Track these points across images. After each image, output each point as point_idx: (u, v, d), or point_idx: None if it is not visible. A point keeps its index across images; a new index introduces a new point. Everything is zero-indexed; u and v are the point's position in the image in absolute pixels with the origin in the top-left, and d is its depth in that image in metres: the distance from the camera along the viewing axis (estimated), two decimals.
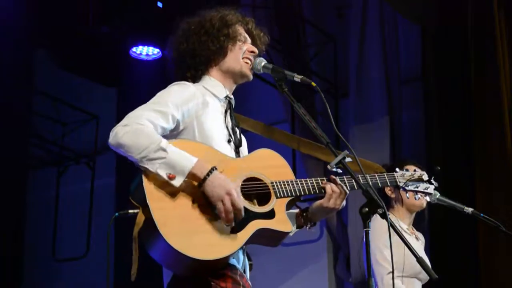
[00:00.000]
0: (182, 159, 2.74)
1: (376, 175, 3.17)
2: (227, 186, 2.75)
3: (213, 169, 2.75)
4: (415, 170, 3.44)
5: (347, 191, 2.97)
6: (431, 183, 3.37)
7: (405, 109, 7.95)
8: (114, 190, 8.53)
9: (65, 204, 9.60)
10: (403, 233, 4.33)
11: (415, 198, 3.51)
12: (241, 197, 2.80)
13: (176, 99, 2.89)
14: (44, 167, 9.80)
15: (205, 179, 2.74)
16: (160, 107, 2.84)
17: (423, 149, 7.60)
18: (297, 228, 3.10)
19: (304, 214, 3.08)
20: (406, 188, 3.30)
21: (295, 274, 8.30)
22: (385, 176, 3.20)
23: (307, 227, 3.10)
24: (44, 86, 9.10)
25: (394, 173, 3.28)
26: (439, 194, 4.30)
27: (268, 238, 2.91)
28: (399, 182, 3.27)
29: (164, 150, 2.73)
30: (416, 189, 3.33)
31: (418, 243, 4.47)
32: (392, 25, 8.04)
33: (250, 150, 3.12)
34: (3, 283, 8.30)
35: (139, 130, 2.74)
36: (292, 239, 3.01)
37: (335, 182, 2.98)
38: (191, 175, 2.74)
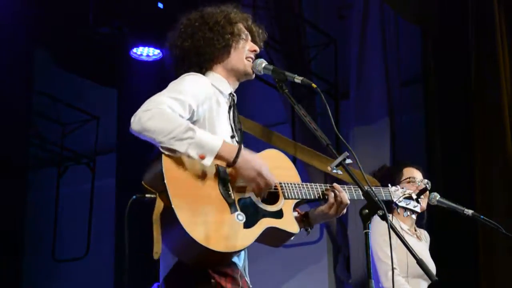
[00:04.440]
0: (209, 139, 2.77)
1: (372, 187, 3.18)
2: (257, 166, 2.81)
3: (240, 148, 2.80)
4: (409, 178, 3.46)
5: (348, 202, 2.99)
6: (418, 202, 3.41)
7: (405, 110, 7.95)
8: (114, 191, 8.52)
9: (65, 204, 9.59)
10: (404, 234, 4.34)
11: (404, 215, 3.55)
12: (270, 173, 2.84)
13: (193, 89, 2.88)
14: (44, 167, 9.79)
15: (234, 161, 2.78)
16: (178, 95, 2.83)
17: (423, 150, 7.60)
18: None
19: (304, 218, 3.10)
20: (398, 204, 3.34)
21: (295, 275, 8.30)
22: (381, 190, 3.26)
23: (307, 231, 3.13)
24: (44, 86, 9.09)
25: (388, 188, 3.34)
26: (439, 196, 4.31)
27: (274, 238, 2.93)
28: (393, 197, 3.32)
29: (193, 130, 2.74)
30: (407, 206, 3.37)
31: (421, 243, 4.47)
32: (392, 26, 8.04)
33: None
34: (3, 283, 8.29)
35: (164, 114, 2.73)
36: (292, 240, 3.01)
37: (338, 191, 3.00)
38: (220, 155, 2.77)
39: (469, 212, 4.34)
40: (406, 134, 7.90)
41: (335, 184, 3.03)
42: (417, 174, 4.45)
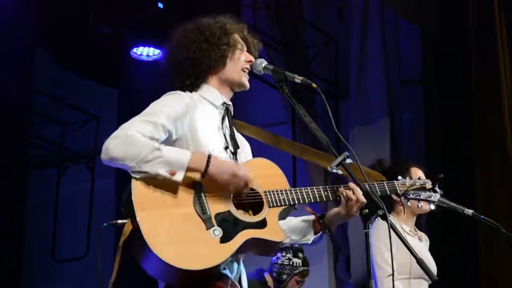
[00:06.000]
0: (177, 154, 2.77)
1: (375, 183, 3.16)
2: (228, 168, 2.80)
3: (209, 157, 2.78)
4: (419, 178, 3.40)
5: (364, 201, 2.93)
6: (435, 191, 3.33)
7: (405, 110, 7.95)
8: (114, 191, 8.52)
9: (65, 204, 9.60)
10: (405, 235, 4.32)
11: (418, 206, 3.47)
12: (245, 171, 2.83)
13: (168, 109, 2.88)
14: (44, 167, 9.80)
15: (206, 170, 2.77)
16: (150, 118, 2.83)
17: (423, 150, 7.60)
18: (314, 234, 3.13)
19: (321, 221, 3.10)
20: (408, 196, 3.27)
21: None
22: (385, 184, 3.19)
23: (325, 233, 3.12)
24: (44, 86, 9.09)
25: (395, 181, 3.25)
26: (439, 196, 4.29)
27: (260, 248, 2.90)
28: (400, 191, 3.24)
29: (158, 149, 2.74)
30: (418, 197, 3.29)
31: (422, 244, 4.45)
32: (392, 26, 8.04)
33: (253, 156, 3.13)
34: (3, 283, 8.29)
35: (129, 140, 2.74)
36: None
37: (353, 190, 2.97)
38: (190, 168, 2.76)
39: (469, 212, 4.33)
40: (406, 134, 7.91)
41: (350, 184, 2.99)
42: (422, 175, 4.44)
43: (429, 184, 3.32)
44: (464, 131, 7.03)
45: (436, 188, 3.34)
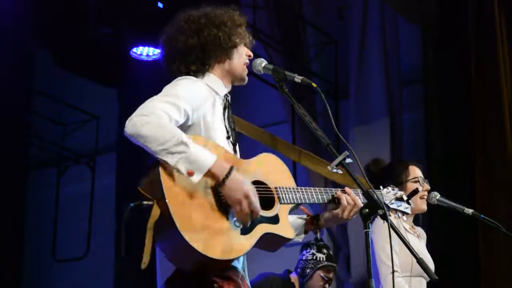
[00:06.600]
0: (202, 156, 2.71)
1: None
2: (245, 188, 2.74)
3: (231, 169, 2.74)
4: (416, 177, 3.41)
5: (361, 205, 2.96)
6: (409, 203, 3.37)
7: (405, 110, 7.95)
8: (114, 190, 8.53)
9: (65, 204, 9.60)
10: (406, 233, 4.33)
11: (395, 217, 3.52)
12: (258, 199, 2.78)
13: (187, 94, 2.85)
14: (44, 167, 9.80)
15: (224, 180, 2.72)
16: (173, 100, 2.79)
17: (423, 150, 7.60)
18: (304, 233, 3.15)
19: (315, 221, 3.12)
20: (390, 206, 3.31)
21: None
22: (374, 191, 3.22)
23: (317, 234, 3.14)
24: (44, 86, 9.10)
25: (380, 190, 3.28)
26: (439, 195, 4.30)
27: (270, 243, 2.93)
28: (385, 199, 3.26)
29: (185, 144, 2.69)
30: (398, 207, 3.33)
31: (421, 242, 4.46)
32: (392, 26, 8.04)
33: (248, 154, 3.13)
34: (3, 283, 8.30)
35: (158, 121, 2.69)
36: (293, 240, 3.02)
37: (349, 194, 3.01)
38: (210, 173, 2.72)
39: (469, 211, 4.33)
40: (406, 134, 7.91)
41: (346, 188, 3.02)
42: (420, 173, 4.44)
43: (404, 196, 3.34)
44: (464, 131, 7.03)
45: (410, 201, 3.37)
